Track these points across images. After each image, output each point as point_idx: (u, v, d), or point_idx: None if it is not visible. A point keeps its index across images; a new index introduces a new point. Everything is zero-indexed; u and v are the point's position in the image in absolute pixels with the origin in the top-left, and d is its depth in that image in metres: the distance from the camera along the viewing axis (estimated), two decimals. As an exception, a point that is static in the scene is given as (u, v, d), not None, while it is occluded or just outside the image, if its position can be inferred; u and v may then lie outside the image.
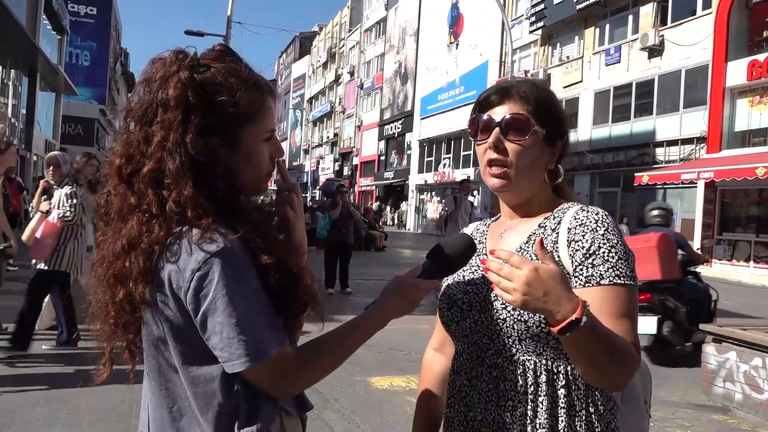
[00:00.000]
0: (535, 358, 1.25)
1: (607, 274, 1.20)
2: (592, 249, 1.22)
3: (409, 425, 4.58)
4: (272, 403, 1.16)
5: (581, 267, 1.22)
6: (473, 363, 1.33)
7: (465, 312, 1.33)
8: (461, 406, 1.34)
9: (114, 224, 1.18)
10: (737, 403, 5.04)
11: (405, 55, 40.48)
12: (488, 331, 1.29)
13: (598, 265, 1.21)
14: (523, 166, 1.32)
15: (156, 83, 1.16)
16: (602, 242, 1.22)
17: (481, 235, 1.47)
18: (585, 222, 1.25)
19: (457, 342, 1.38)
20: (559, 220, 1.31)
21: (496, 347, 1.28)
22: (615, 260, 1.21)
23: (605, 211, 1.28)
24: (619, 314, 1.19)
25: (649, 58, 20.83)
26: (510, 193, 1.37)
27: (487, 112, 1.35)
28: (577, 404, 1.24)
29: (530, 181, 1.35)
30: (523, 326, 1.23)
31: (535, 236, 1.32)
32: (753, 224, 17.69)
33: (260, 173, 1.25)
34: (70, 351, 5.38)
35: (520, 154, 1.31)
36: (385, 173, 43.06)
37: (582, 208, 1.29)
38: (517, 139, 1.31)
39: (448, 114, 33.54)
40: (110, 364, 1.23)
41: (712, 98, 18.16)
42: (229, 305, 1.07)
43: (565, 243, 1.26)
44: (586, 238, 1.23)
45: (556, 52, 26.07)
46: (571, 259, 1.24)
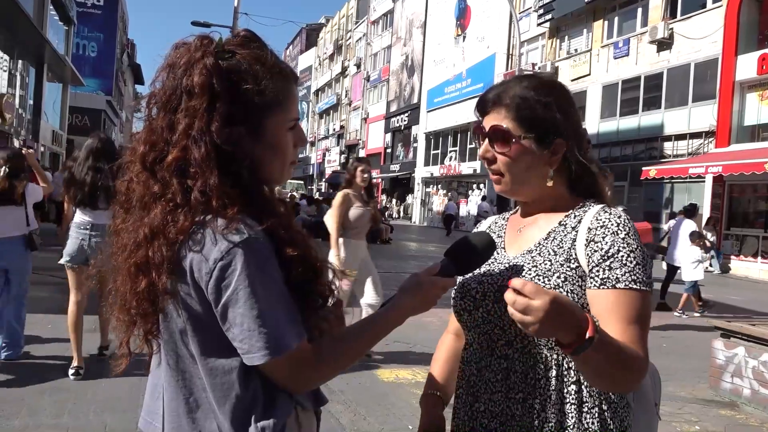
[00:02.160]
0: (546, 351, 1.25)
1: (624, 278, 1.20)
2: (611, 252, 1.22)
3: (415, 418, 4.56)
4: (289, 397, 1.15)
5: (598, 268, 1.22)
6: (483, 353, 1.33)
7: (478, 301, 1.33)
8: (468, 396, 1.34)
9: (135, 212, 1.16)
10: (745, 399, 5.01)
11: (412, 48, 40.34)
12: (500, 322, 1.29)
13: (616, 269, 1.20)
14: (514, 174, 1.33)
15: (180, 69, 1.14)
16: (622, 246, 1.22)
17: (499, 228, 1.48)
18: (606, 224, 1.25)
19: (469, 332, 1.38)
20: (580, 219, 1.31)
21: (508, 338, 1.29)
22: (633, 265, 1.21)
23: (626, 214, 1.28)
24: (631, 319, 1.18)
25: (658, 51, 20.68)
26: (513, 195, 1.39)
27: (483, 118, 1.37)
28: (589, 401, 1.23)
29: (530, 184, 1.35)
30: None
31: (555, 234, 1.32)
32: (761, 219, 17.58)
33: (284, 162, 1.23)
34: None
35: (508, 164, 1.32)
36: (391, 166, 43.01)
37: (604, 209, 1.29)
38: (502, 150, 1.32)
39: (454, 107, 33.43)
40: (129, 355, 1.21)
41: (722, 92, 18.01)
42: (251, 297, 1.06)
43: (584, 242, 1.26)
44: (606, 240, 1.23)
45: (564, 45, 25.91)
46: (588, 259, 1.24)
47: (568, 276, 1.24)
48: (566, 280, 1.24)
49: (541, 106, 1.31)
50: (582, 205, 1.34)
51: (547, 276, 1.25)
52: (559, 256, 1.27)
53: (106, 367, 4.69)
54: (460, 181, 34.14)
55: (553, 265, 1.26)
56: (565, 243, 1.28)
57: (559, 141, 1.32)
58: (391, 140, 43.84)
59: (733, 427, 4.53)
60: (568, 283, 1.24)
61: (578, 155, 1.35)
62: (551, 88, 1.35)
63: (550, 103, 1.32)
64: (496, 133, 1.32)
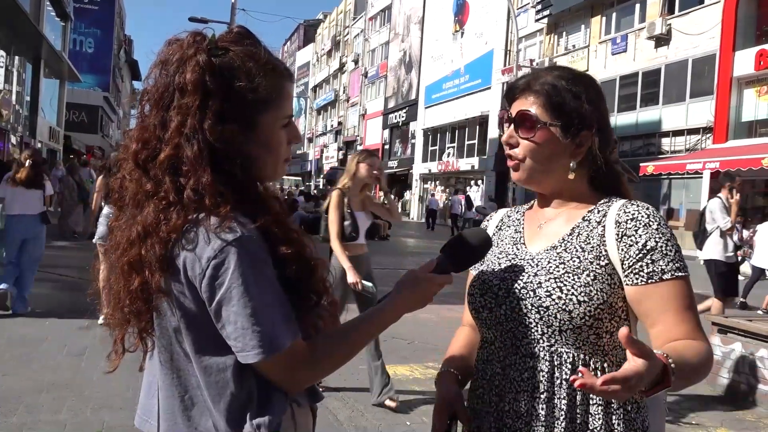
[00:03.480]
0: (573, 351, 1.23)
1: (668, 268, 1.20)
2: (649, 245, 1.21)
3: (413, 414, 4.56)
4: (284, 394, 1.15)
5: (641, 263, 1.21)
6: (507, 351, 1.30)
7: (501, 298, 1.30)
8: (493, 395, 1.31)
9: (129, 210, 1.15)
10: (743, 394, 5.02)
11: (410, 44, 40.26)
12: (526, 319, 1.26)
13: (658, 260, 1.20)
14: (536, 161, 1.31)
15: (173, 66, 1.13)
16: (658, 237, 1.22)
17: (515, 223, 1.45)
18: (636, 216, 1.24)
19: (488, 330, 1.35)
20: (604, 214, 1.29)
21: (533, 336, 1.26)
22: (673, 254, 1.21)
23: (652, 206, 1.27)
24: (686, 306, 1.20)
25: (655, 47, 20.66)
26: (530, 185, 1.36)
27: (510, 106, 1.36)
28: (615, 402, 1.21)
29: (551, 174, 1.33)
30: (566, 316, 1.21)
31: (579, 229, 1.30)
32: (758, 215, 17.60)
33: (278, 160, 1.23)
34: (75, 338, 5.40)
35: (531, 150, 1.31)
36: (389, 162, 42.98)
37: (630, 202, 1.28)
38: (527, 136, 1.31)
39: (452, 103, 33.40)
40: (122, 352, 1.21)
41: (719, 88, 18.01)
42: (244, 295, 1.06)
43: (614, 237, 1.24)
44: (640, 233, 1.22)
45: (562, 41, 25.87)
46: (624, 254, 1.23)
47: (598, 274, 1.23)
48: (596, 278, 1.22)
49: (571, 96, 1.30)
50: (604, 201, 1.32)
51: (576, 273, 1.23)
52: (587, 252, 1.25)
53: (105, 366, 4.68)
54: (458, 177, 34.12)
55: (582, 262, 1.24)
56: (592, 239, 1.27)
57: (585, 133, 1.31)
58: (389, 136, 43.81)
59: (731, 423, 4.54)
60: (597, 281, 1.22)
61: (604, 152, 1.33)
62: (583, 79, 1.35)
63: (580, 93, 1.31)
64: (522, 118, 1.31)
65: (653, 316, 1.20)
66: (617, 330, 1.21)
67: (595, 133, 1.31)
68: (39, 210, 6.43)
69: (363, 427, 3.97)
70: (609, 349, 1.24)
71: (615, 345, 1.24)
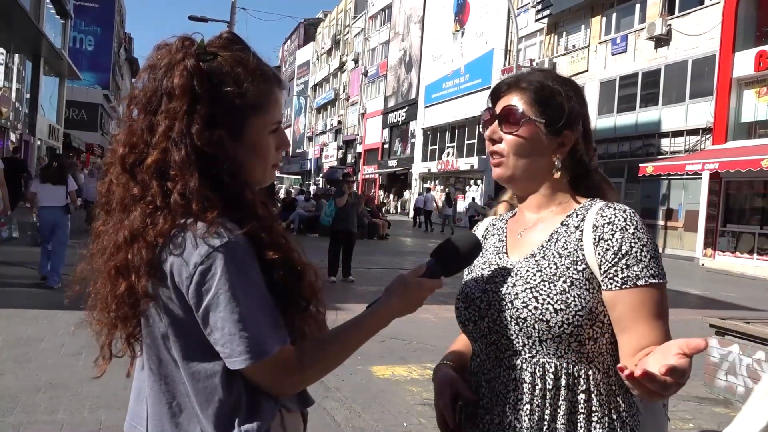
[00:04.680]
0: (555, 360, 1.21)
1: (642, 274, 1.17)
2: (624, 249, 1.18)
3: (410, 415, 4.57)
4: (273, 400, 1.14)
5: (615, 268, 1.18)
6: (491, 364, 1.29)
7: (483, 311, 1.29)
8: (478, 407, 1.30)
9: (115, 214, 1.15)
10: (739, 396, 5.03)
11: (410, 43, 40.26)
12: (507, 331, 1.24)
13: (633, 266, 1.17)
14: (519, 157, 1.30)
15: (161, 70, 1.14)
16: (633, 241, 1.19)
17: (499, 231, 1.44)
18: (613, 220, 1.21)
19: (475, 342, 1.34)
20: (583, 218, 1.26)
21: (515, 348, 1.24)
22: (648, 259, 1.18)
23: (631, 208, 1.24)
24: (657, 315, 1.17)
25: (655, 47, 20.66)
26: (513, 184, 1.35)
27: (496, 104, 1.35)
28: (599, 410, 1.20)
29: (533, 172, 1.32)
30: (544, 326, 1.19)
31: (558, 235, 1.28)
32: (757, 216, 17.60)
33: (266, 165, 1.23)
34: (72, 338, 5.40)
35: (515, 145, 1.30)
36: (388, 161, 42.97)
37: (607, 205, 1.25)
38: (510, 131, 1.30)
39: (452, 102, 33.40)
40: (109, 357, 1.21)
41: (719, 89, 18.01)
42: (232, 301, 1.06)
43: (592, 241, 1.22)
44: (616, 237, 1.19)
45: (562, 41, 25.87)
46: (600, 259, 1.20)
47: (575, 279, 1.21)
48: (573, 284, 1.20)
49: (557, 94, 1.30)
50: (584, 204, 1.30)
51: (552, 281, 1.21)
52: (564, 258, 1.23)
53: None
54: (458, 176, 34.12)
55: (559, 269, 1.23)
56: (569, 244, 1.25)
57: (568, 132, 1.31)
58: (388, 136, 43.79)
59: (728, 425, 4.53)
60: (575, 287, 1.20)
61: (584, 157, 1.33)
62: (569, 81, 1.36)
63: (566, 93, 1.31)
64: (507, 113, 1.31)
65: (624, 322, 1.18)
66: (601, 335, 1.20)
67: (578, 134, 1.32)
68: (63, 203, 7.94)
69: (360, 428, 3.97)
70: (594, 356, 1.21)
71: (600, 352, 1.21)
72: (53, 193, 7.86)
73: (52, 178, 7.82)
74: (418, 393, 4.71)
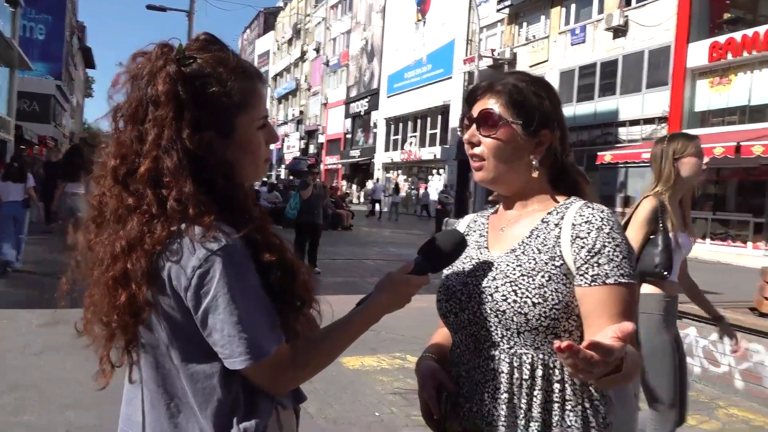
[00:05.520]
0: (532, 351, 1.26)
1: (612, 273, 1.21)
2: (597, 247, 1.23)
3: (381, 404, 4.60)
4: (269, 398, 1.17)
5: (587, 265, 1.23)
6: (471, 355, 1.33)
7: (464, 303, 1.34)
8: (458, 396, 1.35)
9: (110, 226, 1.15)
10: (696, 377, 5.23)
11: (371, 33, 40.13)
12: (486, 323, 1.29)
13: (604, 264, 1.22)
14: (499, 159, 1.34)
15: (143, 80, 1.14)
16: (607, 240, 1.23)
17: (480, 227, 1.48)
18: (590, 219, 1.26)
19: (455, 333, 1.39)
20: (562, 216, 1.31)
21: (494, 339, 1.29)
22: (619, 259, 1.22)
23: (609, 209, 1.29)
24: (622, 314, 1.21)
25: (613, 38, 21.07)
26: (496, 185, 1.38)
27: (471, 108, 1.38)
28: (573, 399, 1.25)
29: (514, 173, 1.36)
30: (522, 319, 1.24)
31: (537, 231, 1.33)
32: (710, 202, 18.21)
33: (258, 161, 1.24)
34: (34, 337, 5.28)
35: (494, 148, 1.33)
36: (351, 151, 42.89)
37: (586, 205, 1.30)
38: (489, 133, 1.33)
39: (414, 92, 33.49)
40: (112, 367, 1.21)
41: (674, 79, 18.50)
42: (231, 303, 1.08)
43: (569, 239, 1.26)
44: (592, 236, 1.24)
45: (523, 31, 26.16)
46: (575, 256, 1.25)
47: (553, 275, 1.25)
48: (551, 279, 1.25)
49: (532, 95, 1.34)
50: (564, 202, 1.35)
51: (531, 275, 1.26)
52: (543, 254, 1.28)
53: (69, 364, 4.60)
54: (421, 166, 34.29)
55: (538, 264, 1.27)
56: (548, 240, 1.29)
57: (545, 132, 1.35)
58: (351, 126, 43.69)
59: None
60: (552, 282, 1.25)
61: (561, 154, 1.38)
62: (543, 82, 1.39)
63: (540, 93, 1.35)
64: (484, 117, 1.34)
65: (590, 318, 1.22)
66: (576, 329, 1.25)
67: (554, 133, 1.36)
68: (22, 197, 8.96)
69: (333, 419, 4.00)
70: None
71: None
72: (15, 190, 8.87)
73: (13, 176, 8.85)
74: (389, 383, 4.76)
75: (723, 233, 17.52)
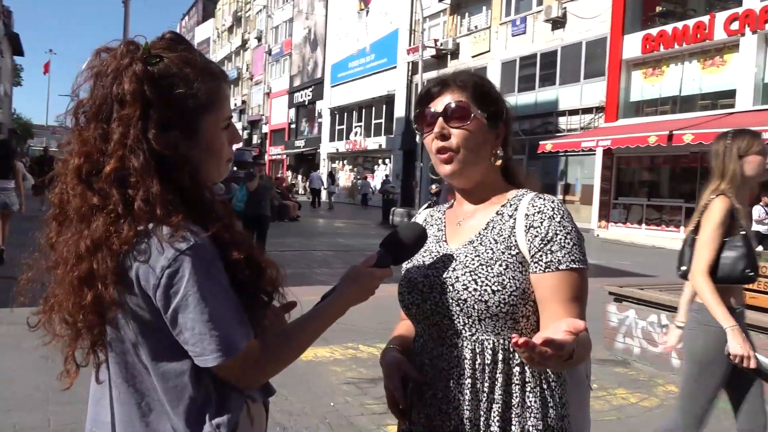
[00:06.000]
0: (493, 337, 1.32)
1: (564, 259, 1.29)
2: (549, 235, 1.30)
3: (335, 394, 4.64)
4: (239, 392, 1.19)
5: (540, 253, 1.30)
6: (434, 343, 1.38)
7: (426, 294, 1.38)
8: (424, 385, 1.39)
9: (74, 225, 1.14)
10: (636, 356, 5.50)
11: (314, 21, 39.75)
12: (449, 312, 1.34)
13: (556, 251, 1.29)
14: (470, 150, 1.39)
15: (108, 78, 1.13)
16: (559, 229, 1.30)
17: (438, 222, 1.53)
18: (542, 209, 1.33)
19: (418, 324, 1.44)
20: (516, 207, 1.37)
21: (456, 328, 1.34)
22: (570, 246, 1.30)
23: (559, 199, 1.37)
24: (574, 298, 1.28)
25: (552, 29, 21.58)
26: (461, 178, 1.43)
27: (429, 105, 1.42)
28: (532, 381, 1.32)
29: (478, 165, 1.41)
30: (483, 306, 1.30)
31: (493, 223, 1.39)
32: (645, 189, 18.98)
33: (221, 162, 1.25)
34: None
35: (465, 139, 1.38)
36: (295, 142, 42.49)
37: (537, 196, 1.37)
38: (460, 125, 1.38)
39: (359, 82, 33.41)
40: (77, 367, 1.20)
41: (610, 70, 19.13)
42: (201, 302, 1.08)
43: (523, 229, 1.33)
44: (544, 225, 1.31)
45: (465, 22, 26.45)
46: (529, 245, 1.31)
47: (510, 263, 1.31)
48: (508, 268, 1.31)
49: (491, 89, 1.43)
50: (516, 194, 1.41)
51: (489, 264, 1.32)
52: (499, 244, 1.34)
53: (16, 364, 4.44)
54: (366, 156, 34.31)
55: (495, 254, 1.33)
56: (504, 231, 1.35)
57: (502, 125, 1.43)
58: (295, 116, 43.25)
59: (627, 383, 4.96)
60: (510, 270, 1.31)
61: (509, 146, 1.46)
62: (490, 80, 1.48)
63: (494, 89, 1.44)
64: (454, 109, 1.38)
65: (544, 302, 1.29)
66: (533, 314, 1.33)
67: (508, 127, 1.44)
68: None
69: (288, 411, 4.01)
70: (526, 333, 1.32)
71: (532, 328, 1.34)
72: None
73: None
74: (342, 372, 4.80)
75: (657, 218, 18.30)
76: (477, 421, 1.31)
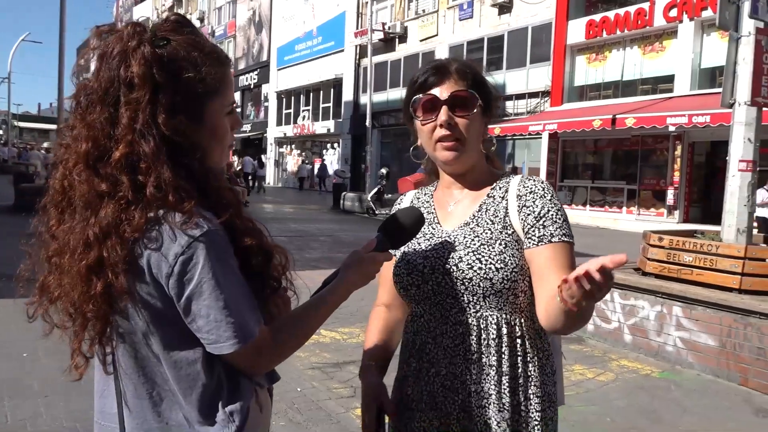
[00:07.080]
0: (497, 312, 1.38)
1: (557, 233, 1.36)
2: (542, 212, 1.38)
3: (302, 380, 4.64)
4: (249, 379, 1.18)
5: (534, 228, 1.37)
6: (436, 322, 1.43)
7: (426, 275, 1.42)
8: (423, 362, 1.43)
9: (79, 212, 1.10)
10: (590, 333, 5.69)
11: (259, 3, 38.97)
12: (453, 291, 1.39)
13: (549, 226, 1.37)
14: (474, 138, 1.44)
15: (115, 60, 1.09)
16: (550, 206, 1.38)
17: (426, 205, 1.56)
18: (534, 189, 1.41)
19: (417, 305, 1.47)
20: (506, 189, 1.45)
21: (461, 305, 1.39)
22: (561, 221, 1.38)
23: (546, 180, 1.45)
24: (567, 266, 1.35)
25: (499, 14, 21.83)
26: (459, 164, 1.47)
27: (429, 92, 1.44)
28: (531, 352, 1.40)
29: (474, 151, 1.47)
30: (488, 284, 1.36)
31: (486, 205, 1.45)
32: (589, 171, 19.55)
33: (224, 147, 1.23)
34: None
35: (470, 128, 1.43)
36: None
37: (526, 178, 1.45)
38: (466, 114, 1.42)
39: (306, 65, 33.03)
40: (86, 358, 1.17)
41: (555, 55, 19.53)
42: (216, 288, 1.07)
43: (516, 209, 1.40)
44: (537, 203, 1.39)
45: (413, 5, 26.44)
46: (523, 223, 1.39)
47: (507, 242, 1.38)
48: (507, 246, 1.38)
49: (485, 78, 1.47)
50: (503, 178, 1.49)
51: (490, 244, 1.38)
52: (496, 224, 1.41)
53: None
54: (315, 140, 34.04)
55: (494, 234, 1.39)
56: (499, 212, 1.42)
57: (489, 112, 1.48)
58: (240, 99, 42.43)
59: (582, 359, 5.14)
60: (508, 248, 1.38)
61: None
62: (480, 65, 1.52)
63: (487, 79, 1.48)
64: (461, 99, 1.42)
65: (539, 272, 1.35)
66: (529, 288, 1.39)
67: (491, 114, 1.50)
68: None
69: (255, 397, 4.00)
70: (524, 306, 1.40)
71: (529, 302, 1.40)
72: None
73: None
74: (306, 358, 4.80)
75: (601, 200, 18.90)
76: (485, 394, 1.37)
